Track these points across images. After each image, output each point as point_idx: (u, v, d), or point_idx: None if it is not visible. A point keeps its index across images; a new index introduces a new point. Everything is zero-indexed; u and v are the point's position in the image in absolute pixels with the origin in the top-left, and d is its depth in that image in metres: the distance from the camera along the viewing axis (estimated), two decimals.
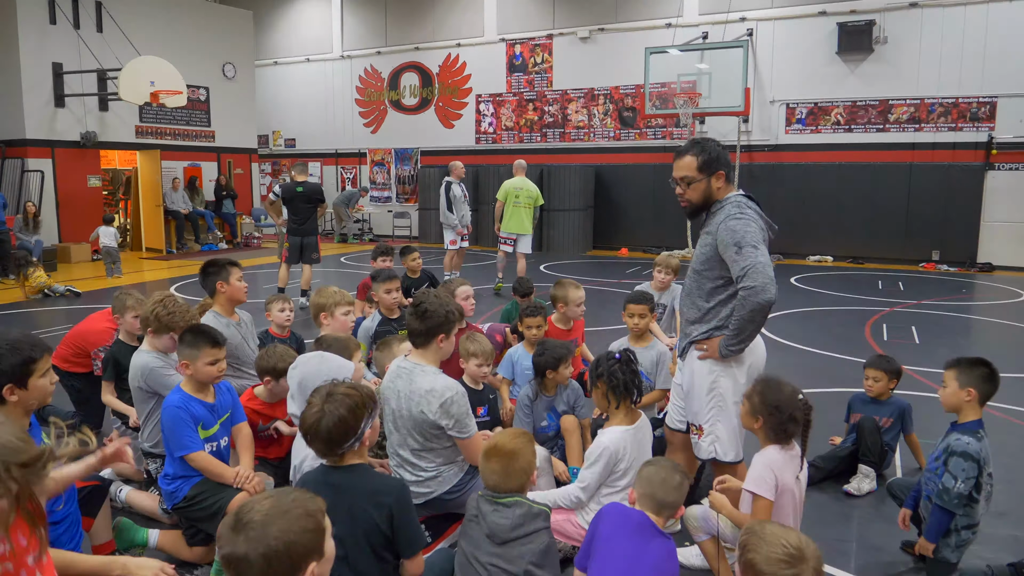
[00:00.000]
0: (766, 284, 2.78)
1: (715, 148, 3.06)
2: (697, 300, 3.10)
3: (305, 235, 9.29)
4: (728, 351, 2.96)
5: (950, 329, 8.14)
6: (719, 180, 3.06)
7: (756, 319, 2.85)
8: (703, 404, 3.06)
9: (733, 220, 2.91)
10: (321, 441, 2.28)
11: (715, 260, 2.98)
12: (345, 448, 2.30)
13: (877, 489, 3.92)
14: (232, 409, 3.31)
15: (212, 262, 4.25)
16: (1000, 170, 13.07)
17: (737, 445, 3.09)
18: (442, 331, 3.01)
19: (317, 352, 2.86)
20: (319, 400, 2.29)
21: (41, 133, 13.90)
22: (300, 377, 2.74)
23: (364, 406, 2.31)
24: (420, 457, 3.01)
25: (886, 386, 4.17)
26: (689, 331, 3.14)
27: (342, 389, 2.32)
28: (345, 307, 3.99)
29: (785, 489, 2.55)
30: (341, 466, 2.34)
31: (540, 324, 4.41)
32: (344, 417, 2.26)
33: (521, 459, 2.49)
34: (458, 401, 2.93)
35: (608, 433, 2.94)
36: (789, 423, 2.58)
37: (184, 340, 3.15)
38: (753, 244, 2.84)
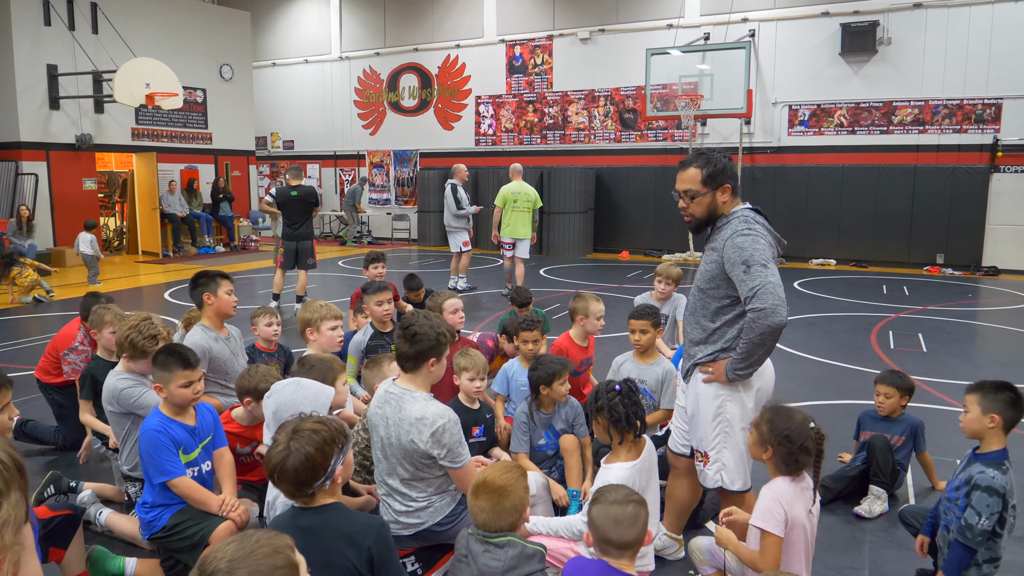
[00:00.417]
0: (776, 306, 2.62)
1: (721, 160, 2.89)
2: (702, 320, 2.93)
3: (300, 240, 9.15)
4: (735, 375, 2.79)
5: (957, 336, 7.97)
6: (725, 194, 2.88)
7: (766, 343, 2.68)
8: (708, 430, 2.89)
9: (740, 236, 2.74)
10: (288, 482, 2.12)
11: (721, 278, 2.82)
12: (315, 488, 2.14)
13: (889, 511, 3.77)
14: (214, 432, 3.16)
15: (201, 274, 4.09)
16: (1006, 172, 12.91)
17: (745, 473, 2.92)
18: (433, 355, 2.85)
19: (293, 379, 2.70)
20: (284, 437, 2.13)
21: (35, 136, 13.75)
22: (275, 407, 2.58)
23: (334, 442, 2.15)
24: (410, 487, 2.85)
25: (898, 403, 4.02)
26: (693, 352, 2.97)
27: (309, 424, 2.16)
28: (332, 322, 3.82)
29: (796, 524, 2.39)
30: (312, 507, 2.18)
31: (536, 339, 4.26)
32: (311, 455, 2.09)
33: (512, 496, 2.32)
34: (450, 429, 2.77)
35: (613, 472, 2.78)
36: (800, 453, 2.42)
37: (156, 362, 3.00)
38: (762, 262, 2.68)
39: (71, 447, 4.59)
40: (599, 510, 2.23)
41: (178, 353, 3.02)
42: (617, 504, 2.21)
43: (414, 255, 15.82)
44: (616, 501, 2.23)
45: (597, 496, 2.29)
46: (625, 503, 2.22)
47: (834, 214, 14.04)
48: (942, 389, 5.94)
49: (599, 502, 2.26)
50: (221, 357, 3.97)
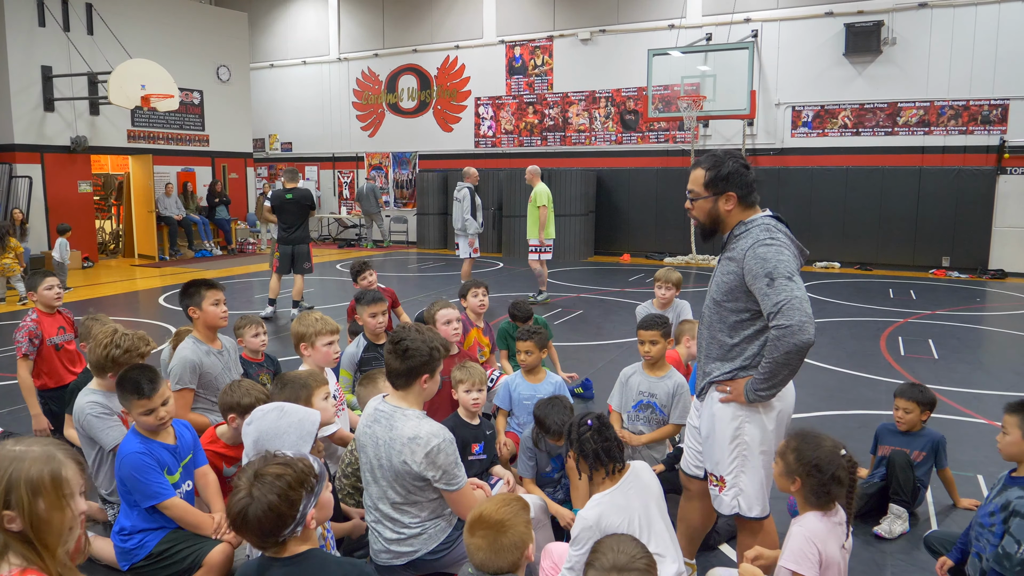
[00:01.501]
0: (804, 323, 2.39)
1: (731, 166, 2.65)
2: (719, 335, 2.69)
3: (296, 244, 9.00)
4: (756, 396, 2.55)
5: (968, 342, 7.79)
6: (728, 202, 2.66)
7: (791, 362, 2.44)
8: (725, 453, 2.66)
9: (763, 247, 2.52)
10: (252, 532, 1.90)
11: (740, 290, 2.59)
12: (284, 536, 1.91)
13: (909, 531, 3.59)
14: (193, 451, 2.97)
15: (187, 286, 3.91)
16: (1012, 174, 12.73)
17: (763, 500, 2.69)
18: (425, 371, 2.67)
19: (276, 404, 2.50)
20: (245, 483, 1.90)
21: (30, 138, 13.57)
22: (256, 435, 2.37)
23: (300, 485, 1.92)
24: (402, 512, 2.66)
25: (918, 418, 3.83)
26: (709, 369, 2.72)
27: (273, 468, 1.92)
28: (327, 337, 3.62)
29: (831, 564, 2.19)
30: (282, 557, 1.95)
31: (529, 350, 4.08)
32: (274, 504, 1.87)
33: (511, 532, 2.09)
34: (446, 449, 2.59)
35: (588, 507, 2.51)
36: (831, 484, 2.23)
37: (117, 389, 2.86)
38: (787, 275, 2.46)
39: None
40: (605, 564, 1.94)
41: (129, 382, 2.83)
42: (616, 572, 1.91)
43: (412, 258, 15.64)
44: (615, 567, 1.92)
45: (593, 558, 1.97)
46: (626, 571, 1.91)
47: (838, 217, 13.86)
48: (957, 398, 5.76)
49: (594, 567, 1.95)
50: (212, 372, 3.78)
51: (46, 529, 1.62)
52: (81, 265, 13.85)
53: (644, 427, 3.81)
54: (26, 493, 1.59)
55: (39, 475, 1.61)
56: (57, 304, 4.69)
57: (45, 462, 1.63)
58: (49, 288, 4.61)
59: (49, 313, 4.65)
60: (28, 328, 4.49)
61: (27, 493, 1.59)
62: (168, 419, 2.85)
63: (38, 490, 1.60)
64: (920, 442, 3.81)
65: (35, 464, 1.62)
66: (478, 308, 4.87)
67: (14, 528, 1.60)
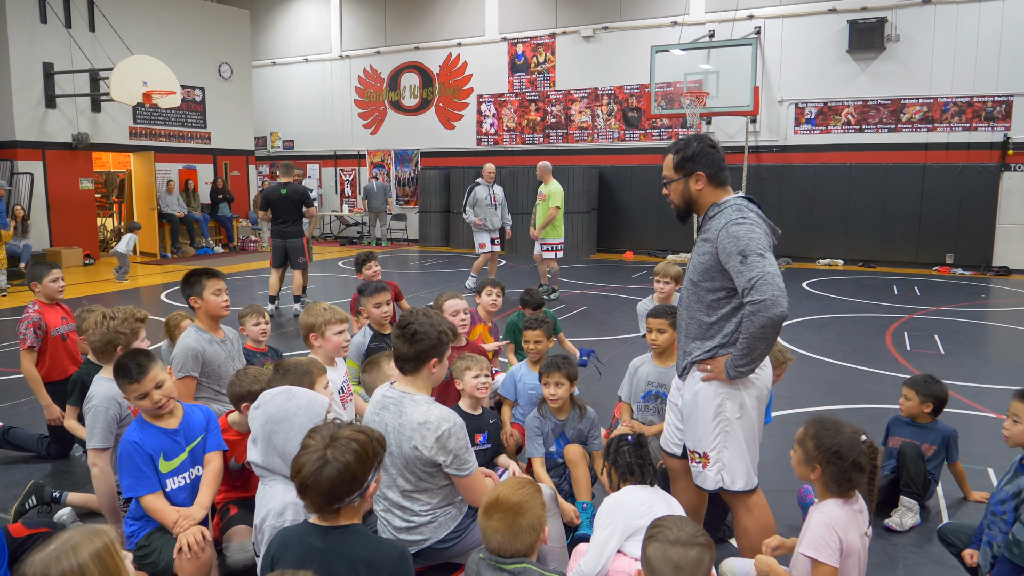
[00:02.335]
0: (776, 297, 2.45)
1: (697, 147, 2.76)
2: (697, 314, 2.76)
3: (288, 238, 8.93)
4: (736, 372, 2.60)
5: (974, 338, 7.75)
6: (699, 182, 2.76)
7: (767, 336, 2.50)
8: (708, 430, 2.71)
9: (735, 225, 2.59)
10: (320, 494, 1.91)
11: (716, 270, 2.66)
12: (345, 503, 1.94)
13: (920, 523, 3.55)
14: (206, 434, 2.91)
15: (188, 275, 3.88)
16: (1016, 171, 12.69)
17: (747, 472, 2.72)
18: (434, 355, 2.63)
19: (283, 388, 2.47)
20: (320, 443, 1.93)
21: (31, 135, 13.55)
22: (264, 418, 2.34)
23: (374, 455, 1.97)
24: (412, 499, 2.63)
25: (918, 408, 3.78)
26: (690, 349, 2.79)
27: (348, 432, 1.97)
28: (337, 326, 3.57)
29: (851, 551, 2.15)
30: (332, 526, 1.96)
31: (539, 339, 4.05)
32: (350, 465, 1.91)
33: (529, 514, 2.08)
34: (456, 434, 2.55)
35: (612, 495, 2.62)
36: (852, 471, 2.19)
37: (115, 378, 2.83)
38: (759, 252, 2.52)
39: (56, 456, 4.39)
40: (657, 550, 1.91)
41: (123, 366, 2.80)
42: (680, 546, 1.88)
43: (414, 255, 15.61)
44: (679, 542, 1.89)
45: (655, 532, 1.95)
46: (689, 546, 1.88)
47: (842, 214, 13.82)
48: (964, 393, 5.72)
49: (657, 540, 1.92)
50: (215, 360, 3.74)
51: None
52: (82, 262, 13.82)
53: (655, 417, 3.77)
54: (95, 566, 1.73)
55: (96, 548, 1.75)
56: (59, 296, 4.66)
57: (94, 537, 1.78)
58: (54, 280, 4.58)
59: (50, 305, 4.62)
60: (32, 319, 4.46)
61: (95, 566, 1.73)
62: (165, 402, 2.80)
63: (101, 559, 1.74)
64: (931, 435, 3.77)
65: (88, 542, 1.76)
66: (490, 307, 4.84)
67: None
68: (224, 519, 2.99)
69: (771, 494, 3.89)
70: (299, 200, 8.95)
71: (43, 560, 1.76)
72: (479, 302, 4.93)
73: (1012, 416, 2.70)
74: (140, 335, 3.52)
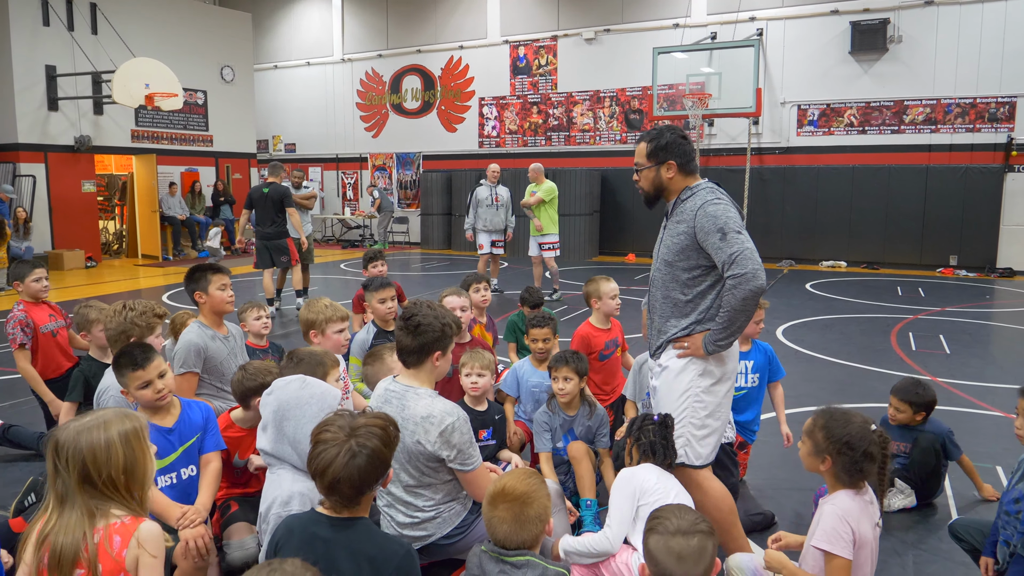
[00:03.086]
0: (756, 270, 2.60)
1: (669, 137, 2.89)
2: (672, 293, 2.87)
3: (269, 239, 8.89)
4: (715, 347, 2.72)
5: (979, 338, 7.71)
6: (670, 171, 2.89)
7: (747, 307, 2.64)
8: (676, 406, 2.80)
9: (712, 205, 2.73)
10: (352, 485, 1.88)
11: (692, 248, 2.79)
12: (368, 492, 1.94)
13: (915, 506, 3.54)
14: (203, 433, 2.87)
15: (192, 270, 3.85)
16: (1020, 172, 12.65)
17: (710, 449, 2.82)
18: (437, 348, 2.60)
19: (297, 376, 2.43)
20: (341, 435, 1.90)
21: (33, 137, 13.55)
22: (276, 405, 2.30)
23: (396, 437, 1.99)
24: (415, 495, 2.59)
25: (911, 418, 3.68)
26: (665, 328, 2.89)
27: (363, 420, 1.96)
28: (338, 324, 3.52)
29: (864, 543, 2.12)
30: (339, 517, 1.93)
31: (547, 336, 4.01)
32: (379, 450, 1.91)
33: (535, 504, 2.06)
34: (460, 428, 2.52)
35: (627, 468, 2.62)
36: (864, 461, 2.16)
37: (114, 370, 2.78)
38: (737, 229, 2.68)
39: None
40: (658, 542, 1.90)
41: (127, 353, 2.76)
42: (681, 535, 1.87)
43: (416, 258, 15.59)
44: (679, 531, 1.88)
45: (655, 524, 1.94)
46: (690, 534, 1.87)
47: (845, 215, 13.79)
48: (972, 392, 5.68)
49: (657, 532, 1.91)
50: (218, 356, 3.70)
51: (139, 475, 1.93)
52: (84, 265, 13.80)
53: None
54: (121, 445, 1.89)
55: (125, 429, 1.92)
56: (44, 296, 4.61)
57: (125, 419, 1.95)
58: (37, 280, 4.52)
59: (35, 303, 4.58)
60: (18, 318, 4.40)
61: (121, 445, 1.89)
62: (167, 393, 2.76)
63: (129, 441, 1.91)
64: (924, 439, 3.67)
65: (119, 422, 1.93)
66: (480, 302, 4.78)
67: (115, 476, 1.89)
68: (224, 516, 2.95)
69: (779, 492, 3.87)
70: (279, 200, 8.91)
71: (76, 428, 1.90)
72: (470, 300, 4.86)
73: (1022, 414, 2.66)
74: (156, 331, 3.48)
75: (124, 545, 1.86)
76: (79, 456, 1.86)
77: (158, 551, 1.89)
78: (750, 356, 3.81)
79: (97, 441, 1.87)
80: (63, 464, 1.87)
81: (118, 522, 1.87)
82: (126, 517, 1.89)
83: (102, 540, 1.85)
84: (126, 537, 1.86)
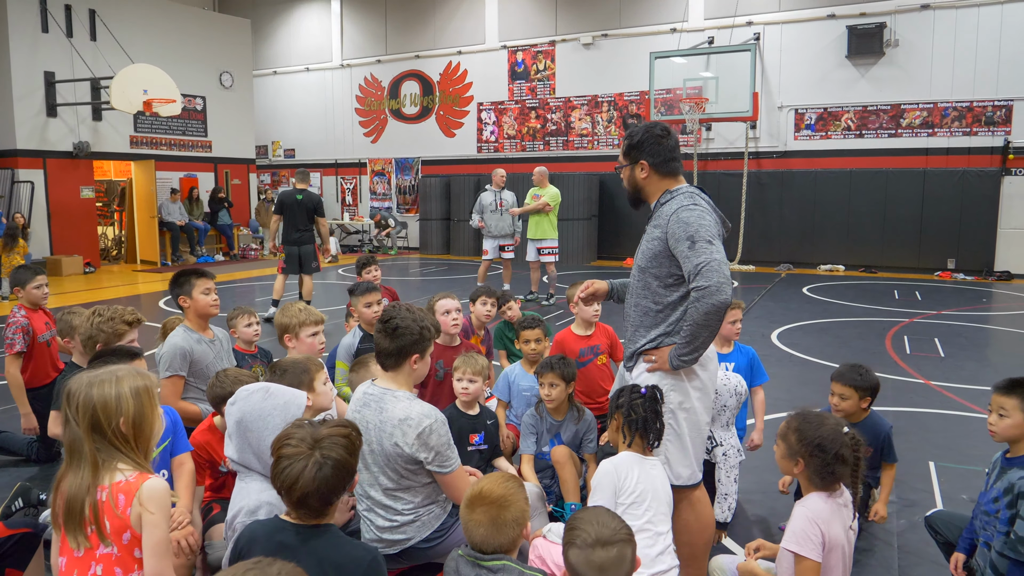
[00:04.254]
0: (721, 284, 2.45)
1: (642, 135, 2.74)
2: (643, 301, 2.73)
3: (302, 244, 9.02)
4: (680, 362, 2.58)
5: (975, 341, 7.70)
6: (643, 171, 2.75)
7: (710, 323, 2.49)
8: None
9: (686, 211, 2.58)
10: (320, 497, 1.87)
11: (664, 255, 2.64)
12: (336, 501, 1.93)
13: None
14: (173, 437, 2.87)
15: (177, 275, 3.86)
16: (1017, 175, 12.64)
17: (692, 465, 2.69)
18: (415, 350, 2.60)
19: (262, 385, 2.43)
20: (304, 447, 1.88)
21: (32, 143, 13.60)
22: (239, 415, 2.29)
23: (359, 443, 1.99)
24: (394, 498, 2.59)
25: (857, 405, 3.35)
26: (635, 338, 2.76)
27: (327, 430, 1.94)
28: (312, 327, 3.53)
29: (834, 546, 2.11)
30: (304, 525, 1.92)
31: (539, 338, 4.00)
32: (344, 460, 1.90)
33: (513, 508, 2.04)
34: (438, 430, 2.52)
35: (612, 458, 2.57)
36: (836, 464, 2.15)
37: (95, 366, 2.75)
38: (708, 239, 2.52)
39: (43, 459, 4.36)
40: (579, 556, 1.85)
41: (117, 351, 2.78)
42: (601, 547, 1.83)
43: (414, 263, 15.60)
44: (599, 542, 1.84)
45: (573, 536, 1.88)
46: (610, 544, 1.84)
47: (842, 219, 13.78)
48: (965, 395, 5.66)
49: (576, 545, 1.86)
50: (203, 360, 3.71)
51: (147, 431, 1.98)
52: (83, 270, 13.83)
53: None
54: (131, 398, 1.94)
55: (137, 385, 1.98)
56: (43, 302, 4.63)
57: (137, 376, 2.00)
58: (38, 287, 4.54)
59: (34, 309, 4.59)
60: (20, 324, 4.41)
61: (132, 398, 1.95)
62: None
63: (139, 395, 1.96)
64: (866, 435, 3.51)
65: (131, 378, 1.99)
66: (483, 316, 4.72)
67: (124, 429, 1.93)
68: (207, 517, 2.96)
69: (770, 496, 3.86)
70: (312, 209, 9.08)
71: (88, 380, 1.95)
72: (473, 311, 4.78)
73: (998, 410, 2.64)
74: (126, 337, 3.48)
75: (128, 503, 1.90)
76: (89, 404, 1.91)
77: (159, 509, 1.92)
78: (731, 359, 3.77)
79: (108, 393, 1.93)
80: (73, 412, 1.92)
81: (122, 480, 1.92)
82: (131, 474, 1.94)
83: (108, 498, 1.89)
84: (129, 495, 1.90)
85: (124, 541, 1.90)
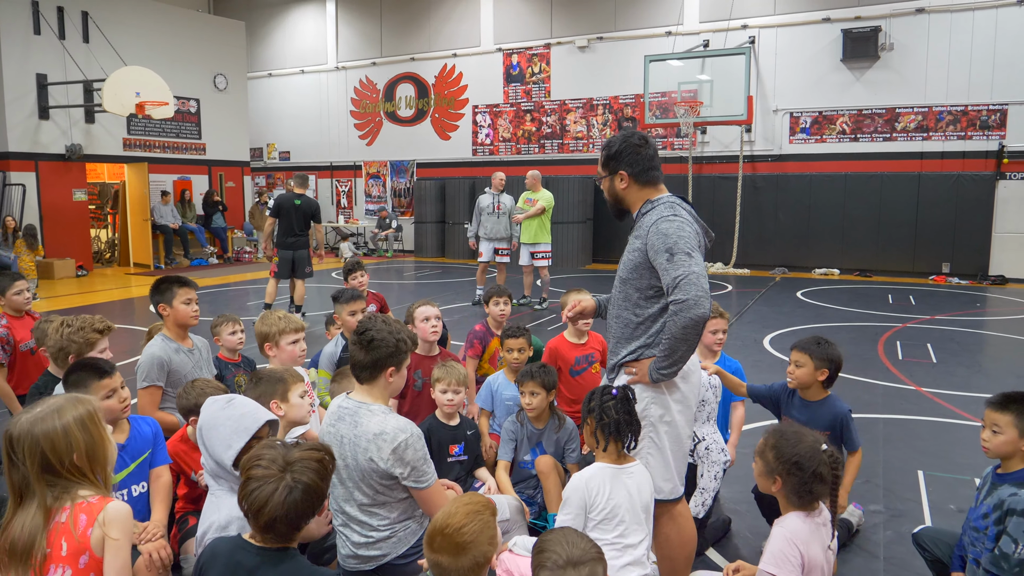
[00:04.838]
0: (699, 298, 2.40)
1: (620, 146, 2.70)
2: (623, 313, 2.69)
3: (297, 249, 8.97)
4: (659, 375, 2.53)
5: (967, 346, 7.67)
6: (622, 181, 2.71)
7: (688, 337, 2.44)
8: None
9: (665, 222, 2.54)
10: (288, 522, 1.82)
11: (645, 267, 2.60)
12: (303, 526, 1.89)
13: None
14: (152, 448, 2.83)
15: (158, 283, 3.82)
16: (1012, 179, 12.63)
17: (674, 479, 2.64)
18: (391, 363, 2.55)
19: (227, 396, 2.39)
20: (275, 470, 1.83)
21: (24, 146, 13.53)
22: (200, 423, 2.27)
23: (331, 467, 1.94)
24: (370, 514, 2.54)
25: (812, 376, 3.19)
26: (617, 350, 2.72)
27: (299, 453, 1.88)
28: (292, 335, 3.50)
29: (813, 566, 2.08)
30: (265, 547, 1.86)
31: (522, 347, 3.96)
32: (315, 484, 1.86)
33: (473, 550, 1.88)
34: (413, 444, 2.47)
35: (585, 471, 2.52)
36: (814, 482, 2.11)
37: (69, 382, 2.69)
38: (687, 251, 2.47)
39: None
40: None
41: (90, 365, 2.72)
42: (571, 568, 1.77)
43: (409, 266, 15.55)
44: (571, 563, 1.77)
45: (543, 559, 1.81)
46: (581, 564, 1.77)
47: (837, 223, 13.76)
48: (955, 402, 5.63)
49: (546, 567, 1.79)
50: (181, 370, 3.67)
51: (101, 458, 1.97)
52: (75, 273, 13.77)
53: None
54: (78, 430, 1.91)
55: (79, 414, 1.94)
56: (26, 308, 4.58)
57: (77, 404, 1.97)
58: (18, 293, 4.50)
59: (18, 317, 4.54)
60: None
61: (79, 430, 1.91)
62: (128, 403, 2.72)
63: (85, 425, 1.93)
64: (822, 418, 3.19)
65: (71, 407, 1.95)
66: (499, 316, 4.61)
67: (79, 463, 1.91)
68: (182, 530, 2.92)
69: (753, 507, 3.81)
70: (310, 214, 9.06)
71: (29, 419, 1.89)
72: (489, 312, 4.63)
73: (991, 426, 2.60)
74: (97, 346, 3.43)
75: (89, 524, 1.88)
76: (37, 447, 1.86)
77: (121, 533, 1.89)
78: None
79: (53, 429, 1.87)
80: (20, 457, 1.87)
81: (84, 502, 1.90)
82: (93, 497, 1.92)
83: (68, 519, 1.87)
84: (91, 516, 1.88)
85: (80, 565, 1.86)
